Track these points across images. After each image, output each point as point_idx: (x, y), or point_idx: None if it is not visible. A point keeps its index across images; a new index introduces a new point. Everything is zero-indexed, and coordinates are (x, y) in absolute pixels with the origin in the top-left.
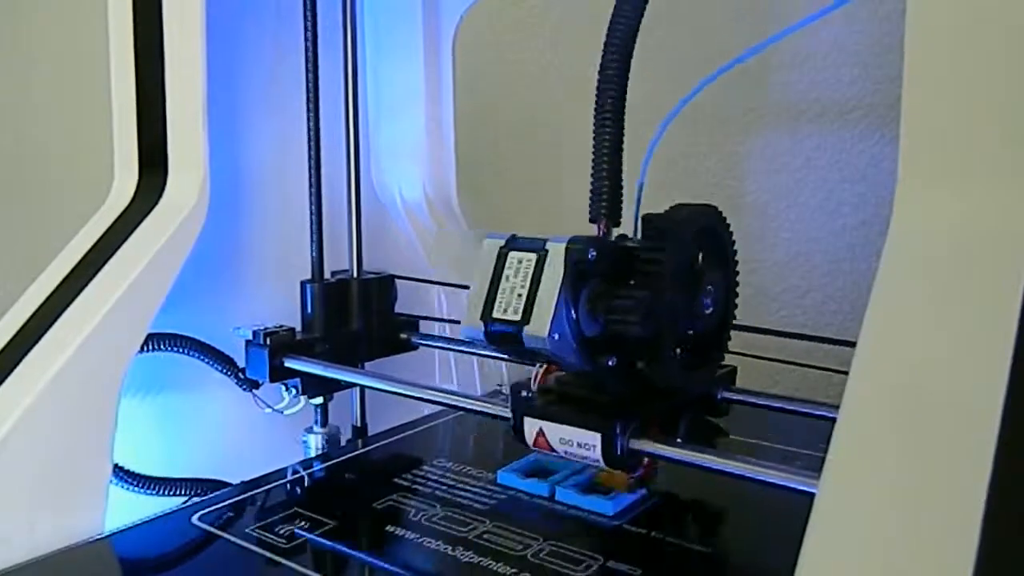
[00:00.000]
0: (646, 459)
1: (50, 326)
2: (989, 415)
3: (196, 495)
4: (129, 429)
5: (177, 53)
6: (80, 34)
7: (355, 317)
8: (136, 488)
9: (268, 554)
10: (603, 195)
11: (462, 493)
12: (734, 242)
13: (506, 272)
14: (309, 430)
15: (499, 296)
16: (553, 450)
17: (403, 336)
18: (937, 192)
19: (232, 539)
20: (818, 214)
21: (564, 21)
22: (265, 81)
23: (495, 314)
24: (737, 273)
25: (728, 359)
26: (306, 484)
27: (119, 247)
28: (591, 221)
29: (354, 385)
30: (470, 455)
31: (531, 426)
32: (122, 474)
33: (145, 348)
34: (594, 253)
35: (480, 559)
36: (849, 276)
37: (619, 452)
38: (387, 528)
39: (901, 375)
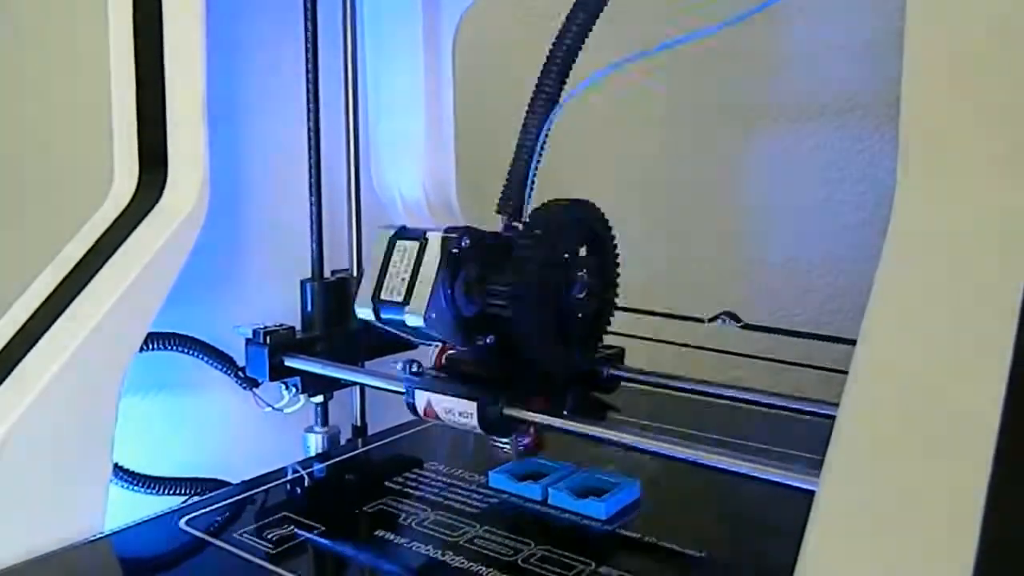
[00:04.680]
0: (531, 429)
1: (50, 326)
2: (989, 414)
3: (196, 494)
4: (129, 428)
5: (177, 53)
6: (80, 35)
7: (355, 316)
8: (136, 487)
9: (254, 559)
10: (510, 192)
11: (454, 496)
12: (612, 231)
13: (393, 259)
14: (309, 430)
15: (386, 280)
16: (439, 419)
17: (398, 333)
18: (937, 192)
19: (219, 544)
20: (818, 214)
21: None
22: (265, 81)
23: (382, 296)
24: (616, 262)
25: (728, 358)
26: (299, 487)
27: (119, 247)
28: (497, 212)
29: (354, 384)
30: (466, 456)
31: (420, 398)
32: (122, 473)
33: (145, 347)
34: (467, 241)
35: (470, 564)
36: (849, 276)
37: (492, 418)
38: (377, 532)
39: (901, 374)
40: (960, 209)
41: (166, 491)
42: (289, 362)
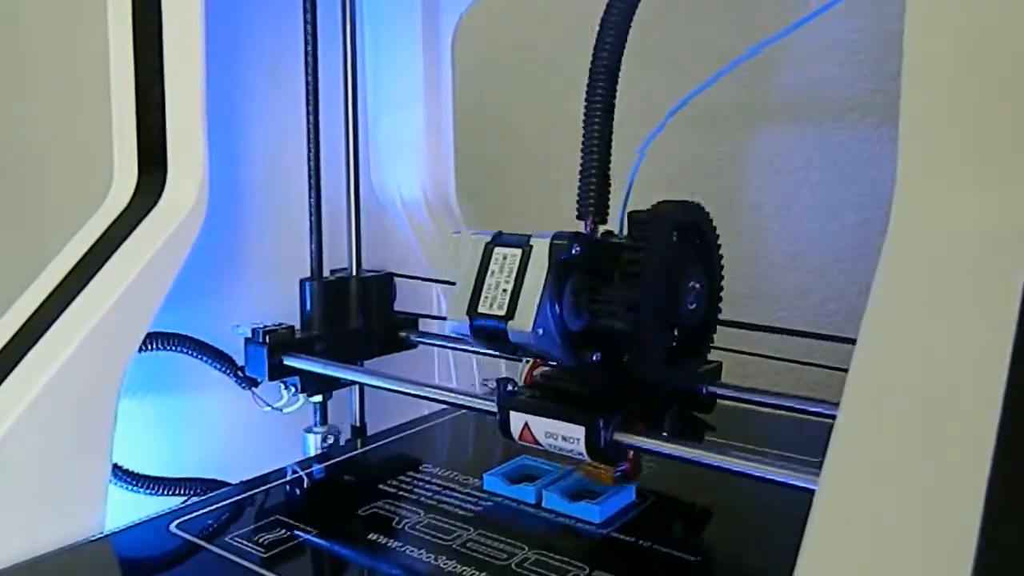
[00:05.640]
0: (630, 453)
1: (50, 326)
2: (989, 414)
3: (195, 495)
4: (129, 428)
5: (176, 53)
6: (79, 35)
7: (354, 315)
8: (136, 488)
9: (245, 563)
10: (590, 192)
11: (448, 499)
12: (718, 239)
13: (491, 268)
14: (308, 430)
15: (484, 291)
16: (538, 443)
17: (402, 334)
18: (937, 192)
19: (210, 547)
20: (818, 214)
21: (564, 20)
22: (264, 80)
23: (480, 309)
24: (722, 269)
25: (728, 357)
26: (293, 489)
27: (118, 247)
28: (578, 218)
29: (353, 383)
30: (463, 457)
31: (517, 420)
32: (121, 474)
33: (145, 347)
34: (578, 248)
35: (463, 568)
36: (849, 276)
37: (602, 445)
38: (370, 536)
39: (901, 374)
40: (960, 209)
41: (165, 491)
42: (288, 361)
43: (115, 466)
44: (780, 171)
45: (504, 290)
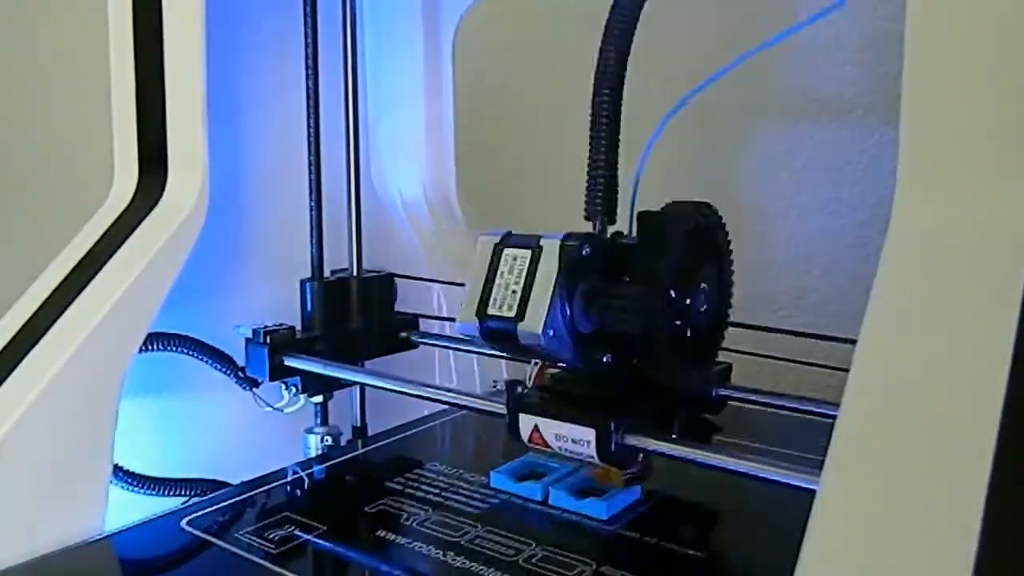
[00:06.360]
0: (641, 456)
1: (50, 326)
2: (989, 414)
3: (196, 495)
4: (129, 429)
5: (177, 53)
6: (80, 34)
7: (355, 315)
8: (136, 488)
9: (256, 559)
10: (598, 192)
11: (455, 496)
12: (729, 240)
13: (501, 269)
14: (309, 430)
15: (494, 292)
16: (548, 446)
17: (403, 334)
18: (937, 192)
19: (221, 544)
20: (818, 214)
21: (564, 20)
22: (265, 80)
23: (490, 310)
24: (732, 271)
25: (729, 357)
26: (300, 487)
27: (119, 247)
28: (586, 218)
29: (354, 383)
30: (467, 456)
31: (526, 423)
32: (122, 474)
33: (145, 348)
34: (588, 249)
35: (471, 564)
36: (849, 276)
37: (613, 448)
38: (378, 533)
39: (902, 374)
40: (960, 209)
41: (166, 492)
42: (289, 362)
43: (116, 466)
44: (780, 171)
45: (514, 291)
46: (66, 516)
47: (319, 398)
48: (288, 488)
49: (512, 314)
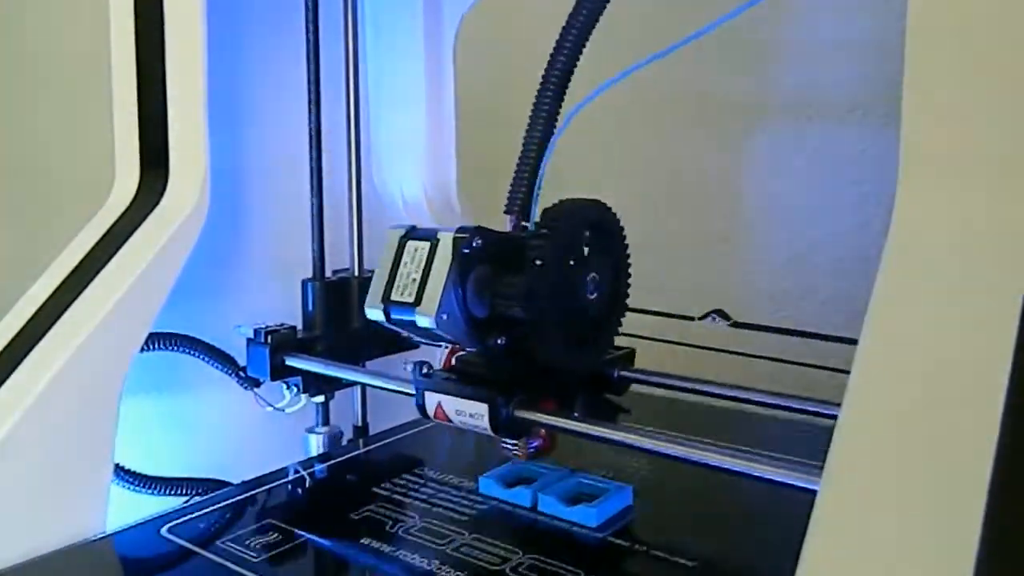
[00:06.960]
0: (542, 431)
1: (51, 326)
2: (989, 414)
3: (197, 495)
4: (130, 428)
5: (178, 53)
6: (81, 34)
7: (356, 315)
8: (137, 488)
9: (235, 567)
10: (518, 191)
11: (443, 502)
12: (623, 233)
13: (404, 259)
14: (311, 430)
15: (397, 280)
16: (450, 420)
17: (404, 334)
18: (938, 192)
19: (201, 552)
20: (819, 214)
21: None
22: (266, 80)
23: (393, 296)
24: (629, 263)
25: (729, 358)
26: (289, 491)
27: (120, 247)
28: (505, 213)
29: (355, 383)
30: (463, 458)
31: (431, 400)
32: (123, 474)
33: (146, 347)
34: (479, 241)
35: (458, 574)
36: (850, 277)
37: (504, 420)
38: (363, 540)
39: (903, 375)
40: (961, 210)
41: (167, 491)
42: (290, 362)
43: (117, 466)
44: (781, 171)
45: (414, 279)
46: (67, 516)
47: (320, 398)
48: (275, 492)
49: (411, 300)
